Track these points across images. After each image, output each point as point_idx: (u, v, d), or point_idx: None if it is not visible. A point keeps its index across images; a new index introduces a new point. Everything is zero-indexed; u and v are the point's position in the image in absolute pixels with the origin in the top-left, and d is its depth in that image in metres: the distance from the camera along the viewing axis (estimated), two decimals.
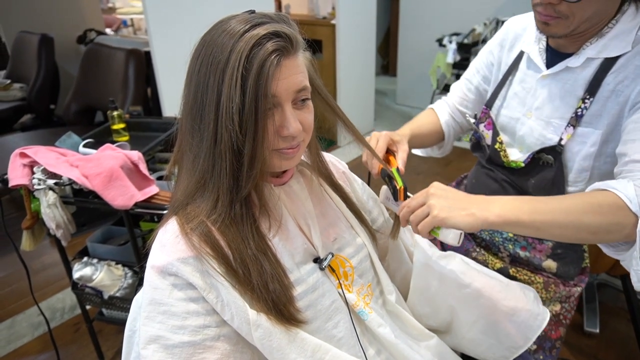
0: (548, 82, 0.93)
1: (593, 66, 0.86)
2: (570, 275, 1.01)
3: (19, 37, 3.38)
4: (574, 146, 0.90)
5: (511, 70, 1.03)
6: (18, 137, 2.84)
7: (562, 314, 0.99)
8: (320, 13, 4.02)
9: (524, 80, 0.99)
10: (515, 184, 1.01)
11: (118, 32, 4.94)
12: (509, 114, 1.02)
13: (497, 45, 1.07)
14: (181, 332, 0.59)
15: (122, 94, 2.67)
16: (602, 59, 0.85)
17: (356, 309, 0.73)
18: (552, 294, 0.99)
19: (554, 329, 0.97)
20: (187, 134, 0.63)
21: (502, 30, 1.07)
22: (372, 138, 0.93)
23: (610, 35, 0.84)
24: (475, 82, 1.13)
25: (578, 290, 1.01)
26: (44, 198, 1.26)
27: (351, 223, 0.79)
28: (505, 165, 1.01)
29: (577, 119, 0.88)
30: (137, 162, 1.30)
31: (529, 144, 0.97)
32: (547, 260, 1.01)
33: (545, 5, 0.82)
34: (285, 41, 0.58)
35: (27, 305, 2.01)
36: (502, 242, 1.04)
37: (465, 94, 1.16)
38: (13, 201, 2.86)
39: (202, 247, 0.60)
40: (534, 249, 1.01)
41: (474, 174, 1.15)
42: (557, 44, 0.92)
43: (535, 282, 0.99)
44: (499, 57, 1.06)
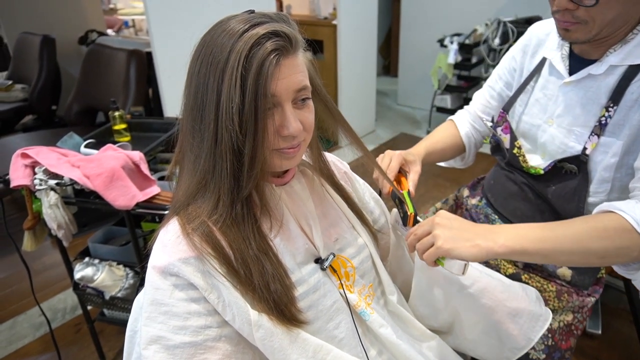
0: (570, 89, 0.91)
1: (617, 74, 0.84)
2: (585, 285, 0.99)
3: (20, 38, 3.39)
4: (597, 156, 0.87)
5: (533, 76, 1.01)
6: (20, 138, 2.85)
7: (573, 324, 0.97)
8: (322, 13, 4.03)
9: (545, 87, 0.97)
10: (534, 188, 0.99)
11: (119, 32, 4.94)
12: (530, 120, 1.00)
13: (520, 51, 1.05)
14: (182, 332, 0.59)
15: (123, 94, 2.67)
16: (626, 66, 0.82)
17: (358, 310, 0.73)
18: (565, 303, 0.96)
19: (565, 339, 0.95)
20: (188, 134, 0.63)
21: (526, 35, 1.05)
22: (385, 157, 0.93)
23: (635, 42, 0.81)
24: (498, 88, 1.11)
25: (592, 301, 0.99)
26: (45, 198, 1.26)
27: (352, 223, 0.79)
28: (524, 170, 0.99)
29: (601, 128, 0.85)
30: (138, 163, 1.30)
31: (551, 152, 0.95)
32: (561, 267, 0.99)
33: (562, 11, 0.80)
34: (284, 40, 0.58)
35: (29, 306, 2.01)
36: None
37: (488, 101, 1.14)
38: (15, 202, 2.87)
39: (203, 247, 0.60)
40: None
41: (493, 175, 1.13)
42: (581, 49, 0.90)
43: (547, 290, 0.98)
44: (521, 63, 1.04)
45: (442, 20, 4.01)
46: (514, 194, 1.03)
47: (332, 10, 3.86)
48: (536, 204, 0.99)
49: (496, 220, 1.06)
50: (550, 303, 0.97)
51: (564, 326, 0.96)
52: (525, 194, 1.01)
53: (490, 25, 3.42)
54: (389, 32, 5.63)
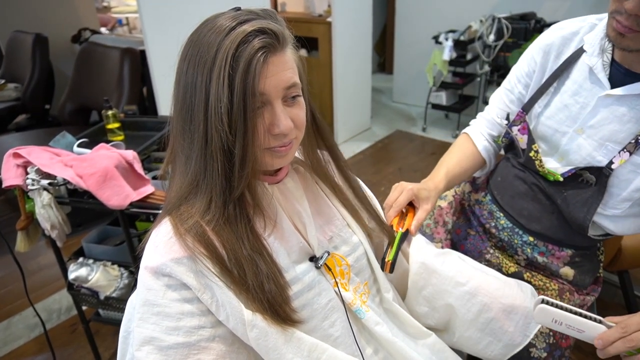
0: (611, 102, 0.85)
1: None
2: (585, 284, 1.00)
3: (12, 37, 3.36)
4: (624, 173, 0.84)
5: (557, 77, 0.95)
6: (13, 138, 2.83)
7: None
8: (316, 11, 4.01)
9: (578, 94, 0.91)
10: (546, 190, 0.97)
11: (113, 31, 4.91)
12: (554, 125, 0.94)
13: (540, 51, 0.98)
14: (175, 333, 0.58)
15: (117, 93, 2.65)
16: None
17: (353, 308, 0.72)
18: (567, 301, 0.97)
19: (565, 337, 0.95)
20: (179, 135, 0.63)
21: (547, 35, 0.99)
22: (396, 189, 0.90)
23: None
24: (517, 92, 1.05)
25: (591, 299, 1.00)
26: (38, 198, 1.25)
27: (347, 221, 0.79)
28: (540, 173, 0.97)
29: (636, 146, 0.82)
30: (132, 162, 1.29)
31: (572, 160, 0.92)
32: (564, 267, 0.99)
33: (629, 15, 0.73)
34: (271, 38, 0.58)
35: (23, 307, 2.00)
36: (521, 245, 1.02)
37: (507, 106, 1.07)
38: (7, 202, 2.85)
39: (196, 247, 0.59)
40: (552, 256, 0.99)
41: (501, 172, 1.09)
42: (624, 59, 0.84)
43: (550, 288, 0.98)
44: (542, 64, 0.98)
45: (437, 17, 4.01)
46: (523, 194, 1.01)
47: (327, 8, 3.85)
48: (546, 205, 0.98)
49: (501, 217, 1.05)
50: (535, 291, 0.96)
51: None
52: (535, 195, 0.99)
53: (485, 22, 3.42)
54: (384, 29, 5.63)
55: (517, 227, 1.02)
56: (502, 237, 1.05)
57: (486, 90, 3.67)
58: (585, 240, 0.98)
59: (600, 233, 0.96)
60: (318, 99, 3.67)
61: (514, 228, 1.02)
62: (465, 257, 0.94)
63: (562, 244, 0.99)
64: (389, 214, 0.88)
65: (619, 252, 1.47)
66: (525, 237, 1.01)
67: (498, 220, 1.06)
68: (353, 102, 3.74)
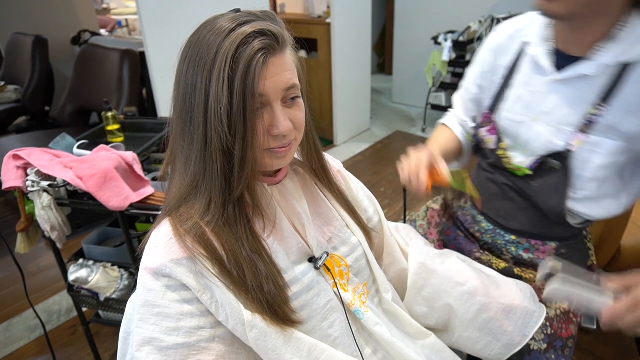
0: (559, 87, 0.88)
1: (609, 73, 0.81)
2: None
3: (12, 39, 3.37)
4: (583, 154, 0.86)
5: (511, 73, 0.99)
6: (13, 139, 2.83)
7: (571, 311, 0.97)
8: (316, 12, 4.02)
9: (528, 84, 0.94)
10: (515, 187, 0.99)
11: (113, 32, 4.92)
12: (512, 117, 0.97)
13: (491, 53, 1.03)
14: (175, 333, 0.58)
15: (116, 94, 2.65)
16: (619, 65, 0.80)
17: (352, 308, 0.72)
18: None
19: (564, 327, 0.95)
20: (178, 136, 0.63)
21: (493, 36, 1.04)
22: (413, 155, 0.91)
23: (622, 38, 0.78)
24: (474, 92, 1.10)
25: None
26: (38, 200, 1.25)
27: (346, 222, 0.79)
28: (509, 171, 0.98)
29: (589, 126, 0.84)
30: (132, 163, 1.29)
31: (534, 149, 0.94)
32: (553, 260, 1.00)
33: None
34: (271, 39, 0.58)
35: (23, 308, 2.00)
36: (505, 245, 1.03)
37: (467, 104, 1.13)
38: (7, 204, 2.85)
39: (195, 248, 0.60)
40: (537, 251, 1.00)
41: (475, 178, 1.12)
42: (564, 44, 0.87)
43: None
44: (492, 65, 1.03)
45: (436, 18, 4.02)
46: (495, 195, 1.03)
47: (326, 9, 3.86)
48: (519, 202, 0.99)
49: (482, 221, 1.07)
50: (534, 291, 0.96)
51: (561, 314, 0.96)
52: (506, 194, 1.01)
53: (484, 23, 3.43)
54: (383, 30, 5.63)
55: (498, 228, 1.04)
56: (486, 239, 1.06)
57: None
58: (567, 231, 0.98)
59: (580, 221, 0.96)
60: (318, 100, 3.68)
61: (495, 229, 1.04)
62: (464, 257, 0.94)
63: (545, 237, 0.99)
64: (421, 177, 0.86)
65: (618, 252, 1.47)
66: (508, 237, 1.02)
67: (480, 224, 1.07)
68: (352, 103, 3.75)
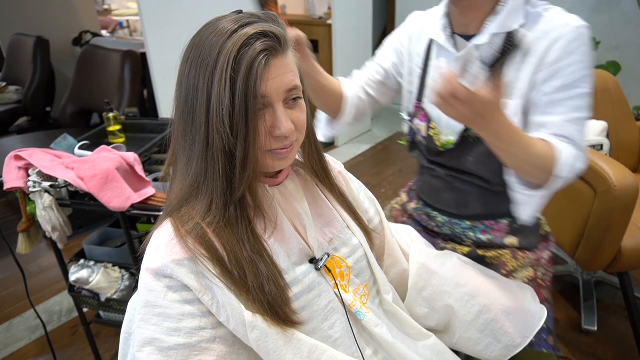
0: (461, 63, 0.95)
1: (498, 41, 0.89)
2: (532, 245, 1.05)
3: (14, 40, 3.37)
4: None
5: (427, 61, 1.04)
6: (14, 140, 2.84)
7: (538, 277, 1.03)
8: (317, 13, 4.02)
9: (438, 67, 1.01)
10: (456, 170, 1.03)
11: (114, 33, 4.93)
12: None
13: (406, 37, 1.09)
14: (176, 334, 0.58)
15: (118, 95, 2.66)
16: (504, 33, 0.88)
17: (353, 309, 0.73)
18: (522, 260, 1.03)
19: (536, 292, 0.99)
20: (180, 137, 0.63)
21: (408, 22, 1.11)
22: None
23: (504, 12, 0.88)
24: (387, 65, 1.14)
25: (548, 254, 1.06)
26: (39, 201, 1.26)
27: (347, 223, 0.79)
28: (439, 149, 1.02)
29: None
30: (133, 164, 1.30)
31: (455, 127, 0.98)
32: (508, 237, 1.04)
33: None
34: (273, 41, 0.58)
35: (24, 309, 2.00)
36: (463, 232, 1.07)
37: (373, 75, 1.16)
38: (9, 204, 2.86)
39: (196, 249, 0.60)
40: (493, 231, 1.04)
41: (420, 179, 1.17)
42: (460, 27, 0.95)
43: (504, 255, 1.03)
44: (409, 48, 1.09)
45: None
46: (441, 189, 1.08)
47: (327, 10, 3.86)
48: (464, 188, 1.04)
49: (437, 216, 1.11)
50: (508, 264, 1.02)
51: (528, 282, 1.01)
52: (450, 184, 1.05)
53: None
54: (384, 32, 5.63)
55: (453, 218, 1.08)
56: (445, 232, 1.10)
57: None
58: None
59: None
60: None
61: (451, 220, 1.08)
62: (465, 258, 0.94)
63: (496, 216, 1.04)
64: None
65: (619, 253, 1.47)
66: (464, 224, 1.07)
67: (435, 219, 1.11)
68: None
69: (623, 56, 3.10)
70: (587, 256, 1.48)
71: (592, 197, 1.41)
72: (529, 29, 0.87)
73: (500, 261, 1.03)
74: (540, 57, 0.85)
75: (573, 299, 1.95)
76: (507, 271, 1.02)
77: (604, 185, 1.35)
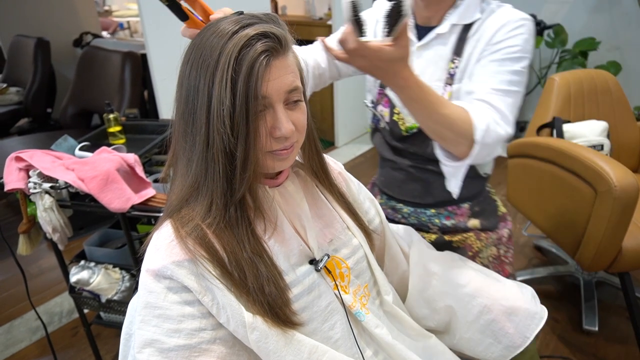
0: (423, 51, 1.01)
1: (456, 31, 0.96)
2: (493, 225, 1.11)
3: (14, 41, 3.38)
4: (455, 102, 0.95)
5: None
6: (15, 141, 2.84)
7: (501, 255, 1.11)
8: (317, 14, 4.02)
9: None
10: (419, 158, 1.05)
11: (114, 34, 4.94)
12: None
13: (374, 21, 1.10)
14: (176, 335, 0.58)
15: (118, 96, 2.66)
16: (462, 25, 0.96)
17: (353, 310, 0.73)
18: (485, 240, 1.09)
19: (501, 269, 1.10)
20: (180, 138, 0.63)
21: (374, 9, 1.12)
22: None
23: (463, 5, 0.96)
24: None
25: (507, 232, 1.13)
26: (40, 202, 1.26)
27: (347, 224, 0.79)
28: (404, 133, 1.04)
29: (451, 78, 0.97)
30: (133, 165, 1.30)
31: None
32: (470, 220, 1.09)
33: None
34: (274, 41, 0.58)
35: (25, 310, 2.00)
36: (429, 219, 1.10)
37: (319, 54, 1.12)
38: (10, 205, 2.86)
39: (196, 250, 0.60)
40: (456, 215, 1.09)
41: (381, 173, 1.19)
42: (422, 19, 1.00)
43: (468, 237, 1.09)
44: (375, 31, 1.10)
45: None
46: (404, 180, 1.10)
47: (327, 11, 3.86)
48: (425, 177, 1.07)
49: (402, 208, 1.13)
50: (474, 246, 1.08)
51: (493, 259, 1.10)
52: (413, 175, 1.08)
53: None
54: None
55: (418, 208, 1.11)
56: (411, 222, 1.13)
57: None
58: (471, 189, 1.07)
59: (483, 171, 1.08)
60: (319, 101, 3.68)
61: (416, 210, 1.11)
62: (465, 258, 0.94)
63: (457, 201, 1.08)
64: None
65: (619, 253, 1.47)
66: (428, 212, 1.10)
67: (401, 211, 1.14)
68: (353, 105, 3.75)
69: (623, 56, 3.10)
70: (587, 256, 1.48)
71: (592, 197, 1.41)
72: (483, 21, 0.95)
73: (466, 244, 1.08)
74: (487, 41, 0.92)
75: (574, 299, 1.95)
76: (473, 252, 1.08)
77: (605, 185, 1.35)
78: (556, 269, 2.11)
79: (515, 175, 1.89)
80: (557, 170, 1.58)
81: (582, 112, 1.91)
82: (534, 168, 1.73)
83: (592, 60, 3.07)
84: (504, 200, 2.91)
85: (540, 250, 2.32)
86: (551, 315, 0.78)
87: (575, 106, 1.91)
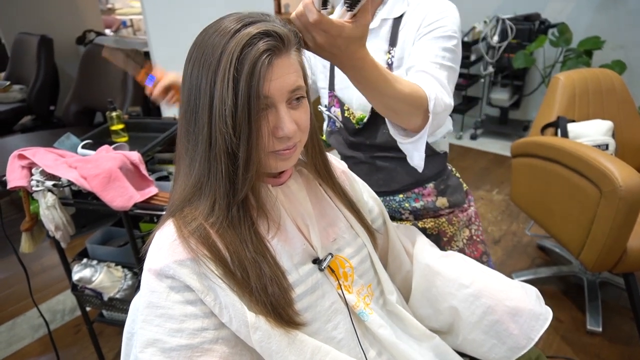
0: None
1: (388, 25, 1.02)
2: (460, 201, 1.15)
3: (18, 39, 3.38)
4: None
5: None
6: (18, 139, 2.84)
7: (473, 235, 1.16)
8: None
9: None
10: (376, 147, 1.08)
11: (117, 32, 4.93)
12: (342, 86, 1.10)
13: None
14: (179, 335, 0.58)
15: (121, 94, 2.66)
16: (392, 19, 1.01)
17: (356, 310, 0.72)
18: (457, 224, 1.13)
19: (474, 249, 1.15)
20: (183, 137, 0.63)
21: None
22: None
23: (391, 1, 1.01)
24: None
25: (473, 210, 1.18)
26: (42, 200, 1.26)
27: (351, 223, 0.79)
28: (357, 126, 1.07)
29: (390, 68, 1.01)
30: (136, 163, 1.29)
31: (365, 105, 1.06)
32: (437, 199, 1.12)
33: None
34: (276, 40, 0.58)
35: (27, 308, 2.00)
36: (399, 205, 1.13)
37: None
38: (12, 203, 2.86)
39: (199, 249, 0.59)
40: (423, 196, 1.12)
41: None
42: None
43: (441, 223, 1.12)
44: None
45: None
46: (368, 172, 1.12)
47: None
48: (385, 167, 1.10)
49: None
50: (447, 231, 1.12)
51: (467, 241, 1.14)
52: (374, 165, 1.11)
53: (489, 23, 3.41)
54: None
55: (386, 196, 1.13)
56: None
57: (490, 91, 3.66)
58: (432, 168, 1.11)
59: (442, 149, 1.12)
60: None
61: (385, 198, 1.13)
62: (468, 259, 0.94)
63: (421, 182, 1.11)
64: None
65: (624, 254, 1.46)
66: (397, 197, 1.13)
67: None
68: None
69: (628, 55, 3.08)
70: (592, 257, 1.47)
71: (597, 197, 1.40)
72: (411, 12, 1.00)
73: (440, 230, 1.12)
74: (418, 25, 0.96)
75: (577, 299, 1.94)
76: (447, 238, 1.12)
77: (610, 185, 1.34)
78: (560, 269, 2.10)
79: (519, 174, 1.88)
80: (562, 170, 1.57)
81: (586, 112, 1.90)
82: (538, 168, 1.72)
83: (597, 59, 3.06)
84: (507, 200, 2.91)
85: (543, 250, 2.31)
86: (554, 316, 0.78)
87: (580, 105, 1.90)
